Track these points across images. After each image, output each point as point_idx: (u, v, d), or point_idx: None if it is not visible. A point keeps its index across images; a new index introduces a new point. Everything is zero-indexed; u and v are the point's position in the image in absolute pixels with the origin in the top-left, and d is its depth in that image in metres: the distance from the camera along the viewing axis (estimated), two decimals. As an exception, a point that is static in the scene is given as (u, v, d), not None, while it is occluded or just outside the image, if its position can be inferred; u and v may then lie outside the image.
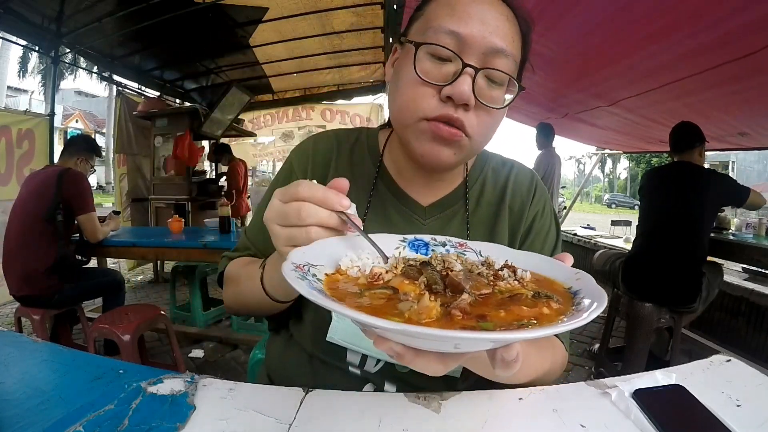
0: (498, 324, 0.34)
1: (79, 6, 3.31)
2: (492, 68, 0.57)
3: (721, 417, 0.49)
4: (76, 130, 22.09)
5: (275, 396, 0.53)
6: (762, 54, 1.97)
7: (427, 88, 0.58)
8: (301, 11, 3.67)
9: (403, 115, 0.61)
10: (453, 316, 0.35)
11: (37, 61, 16.70)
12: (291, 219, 0.44)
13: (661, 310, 2.24)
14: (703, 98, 2.83)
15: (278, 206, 0.46)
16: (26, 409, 0.47)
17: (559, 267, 0.46)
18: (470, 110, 0.58)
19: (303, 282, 0.37)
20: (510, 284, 0.43)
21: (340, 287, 0.42)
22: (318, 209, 0.44)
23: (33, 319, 2.21)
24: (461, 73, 0.56)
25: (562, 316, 0.36)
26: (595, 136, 5.02)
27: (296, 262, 0.43)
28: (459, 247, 0.55)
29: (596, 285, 0.39)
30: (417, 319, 0.34)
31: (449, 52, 0.56)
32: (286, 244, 0.45)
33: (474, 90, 0.56)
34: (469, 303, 0.37)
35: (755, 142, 3.75)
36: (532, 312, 0.36)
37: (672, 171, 2.32)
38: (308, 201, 0.44)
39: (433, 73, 0.57)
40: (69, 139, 2.61)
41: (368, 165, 0.76)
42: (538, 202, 0.76)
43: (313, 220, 0.44)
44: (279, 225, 0.46)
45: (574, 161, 53.13)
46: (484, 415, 0.51)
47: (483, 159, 0.79)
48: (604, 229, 6.71)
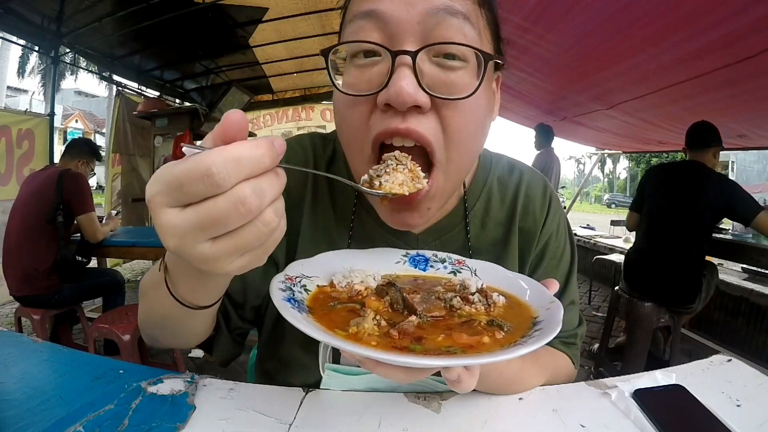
0: (428, 348, 0.37)
1: (79, 6, 3.31)
2: (436, 42, 0.40)
3: (721, 417, 0.49)
4: (76, 130, 22.08)
5: (275, 396, 0.53)
6: (760, 58, 1.97)
7: (361, 105, 0.43)
8: (301, 11, 3.67)
9: (348, 151, 0.48)
10: (391, 336, 0.38)
11: (37, 61, 16.70)
12: (233, 222, 0.27)
13: (660, 310, 2.24)
14: (701, 101, 2.83)
15: (202, 210, 0.27)
16: (26, 409, 0.47)
17: (541, 294, 0.48)
18: (426, 112, 0.42)
19: (283, 293, 0.41)
20: (476, 309, 0.45)
21: (323, 300, 0.46)
22: (261, 185, 0.28)
23: (33, 319, 2.21)
24: (393, 66, 0.40)
25: (497, 346, 0.38)
26: (594, 137, 5.03)
27: (290, 274, 0.46)
28: (456, 264, 0.57)
29: (559, 318, 0.40)
30: (359, 335, 0.38)
31: (371, 45, 0.42)
32: (228, 263, 0.30)
33: (421, 82, 0.40)
34: (417, 325, 0.40)
35: (754, 142, 3.75)
36: (471, 340, 0.38)
37: (681, 169, 2.25)
38: (246, 179, 0.27)
39: (362, 81, 0.43)
40: (70, 142, 2.62)
41: (347, 187, 0.60)
42: (552, 221, 0.63)
43: (268, 202, 0.28)
44: (206, 239, 0.28)
45: (574, 161, 53.16)
46: (484, 415, 0.51)
47: (485, 165, 0.64)
48: (604, 229, 6.71)
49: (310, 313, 0.42)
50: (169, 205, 0.28)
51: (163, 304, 0.44)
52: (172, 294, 0.42)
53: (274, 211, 0.29)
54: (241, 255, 0.30)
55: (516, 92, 3.76)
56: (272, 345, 0.63)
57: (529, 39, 2.48)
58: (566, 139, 5.52)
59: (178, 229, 0.28)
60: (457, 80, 0.42)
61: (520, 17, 2.26)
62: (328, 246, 0.59)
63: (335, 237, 0.61)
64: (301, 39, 4.20)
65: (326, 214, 0.61)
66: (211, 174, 0.26)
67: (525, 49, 2.65)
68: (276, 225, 0.29)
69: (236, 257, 0.30)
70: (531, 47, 2.60)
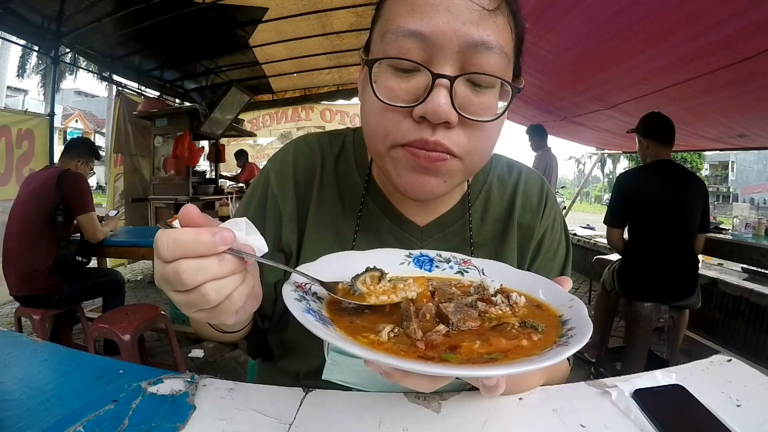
0: (464, 357, 0.36)
1: (79, 6, 3.32)
2: (473, 72, 0.45)
3: (721, 417, 0.49)
4: (76, 130, 22.07)
5: (275, 396, 0.53)
6: (760, 58, 1.97)
7: (394, 112, 0.47)
8: (301, 11, 3.68)
9: (373, 142, 0.52)
10: (417, 347, 0.37)
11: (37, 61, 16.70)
12: (176, 286, 0.35)
13: (660, 309, 2.24)
14: (701, 102, 2.83)
15: (158, 268, 0.36)
16: (26, 409, 0.47)
17: (556, 292, 0.47)
18: (454, 127, 0.47)
19: (300, 304, 0.40)
20: (502, 310, 0.44)
21: (337, 308, 0.45)
22: (199, 264, 0.34)
23: (33, 319, 2.21)
24: (432, 86, 0.44)
25: (537, 349, 0.37)
26: (594, 137, 5.03)
27: (299, 282, 0.45)
28: (462, 264, 0.56)
29: (586, 316, 0.40)
30: (385, 345, 0.37)
31: (414, 64, 0.45)
32: (191, 312, 0.37)
33: (454, 102, 0.45)
34: (444, 334, 0.40)
35: (754, 142, 3.76)
36: (510, 344, 0.38)
37: (660, 169, 2.25)
38: (183, 257, 0.34)
39: (399, 92, 0.47)
40: (69, 142, 2.61)
41: (356, 180, 0.65)
42: (548, 216, 0.67)
43: (203, 278, 0.34)
44: (171, 290, 0.36)
45: (574, 161, 53.15)
46: (484, 415, 0.51)
47: (486, 165, 0.68)
48: (604, 229, 6.70)
49: (332, 322, 0.41)
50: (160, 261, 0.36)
51: (205, 326, 0.55)
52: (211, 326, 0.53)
53: (214, 288, 0.35)
54: (196, 311, 0.37)
55: (516, 92, 3.75)
56: (276, 331, 0.66)
57: (529, 39, 2.45)
58: (566, 140, 5.51)
59: (157, 277, 0.37)
60: (485, 102, 0.48)
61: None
62: (335, 236, 0.62)
63: (342, 227, 0.63)
64: (301, 39, 4.21)
65: (334, 207, 0.64)
66: (156, 246, 0.34)
67: (525, 49, 2.64)
68: (215, 301, 0.35)
69: (193, 311, 0.37)
70: (531, 47, 2.60)
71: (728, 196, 33.27)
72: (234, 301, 0.37)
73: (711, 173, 35.55)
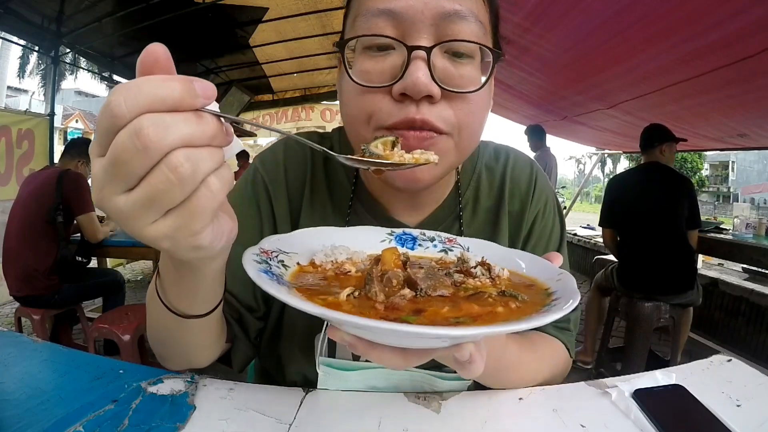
0: (428, 321, 0.32)
1: (79, 6, 3.32)
2: (449, 40, 0.44)
3: (721, 417, 0.49)
4: (76, 130, 22.06)
5: (275, 396, 0.53)
6: (760, 57, 1.97)
7: (374, 94, 0.45)
8: (301, 11, 3.68)
9: (356, 129, 0.49)
10: (376, 309, 0.34)
11: (37, 61, 16.70)
12: (131, 159, 0.24)
13: (660, 309, 2.24)
14: (701, 101, 2.83)
15: (102, 141, 0.25)
16: (26, 409, 0.47)
17: (543, 266, 0.45)
18: (438, 101, 0.45)
19: (259, 265, 0.35)
20: (481, 282, 0.41)
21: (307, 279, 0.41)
22: (171, 119, 0.24)
23: (33, 319, 2.21)
24: (409, 59, 0.43)
25: (514, 317, 0.34)
26: (594, 137, 5.03)
27: (265, 248, 0.41)
28: (447, 242, 0.54)
29: (574, 287, 0.37)
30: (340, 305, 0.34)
31: (388, 39, 0.44)
32: (148, 224, 0.26)
33: (434, 75, 0.43)
34: (410, 299, 0.36)
35: (755, 142, 3.75)
36: (483, 311, 0.35)
37: (642, 171, 2.42)
38: (148, 111, 0.24)
39: (376, 73, 0.45)
40: (70, 142, 2.61)
41: (342, 180, 0.63)
42: (539, 200, 0.65)
43: (174, 139, 0.24)
44: (118, 180, 0.25)
45: (574, 161, 53.15)
46: (484, 415, 0.50)
47: (473, 154, 0.66)
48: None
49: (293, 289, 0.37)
50: (98, 155, 0.26)
51: (160, 315, 0.44)
52: (163, 301, 0.42)
53: (188, 158, 0.25)
54: (163, 215, 0.26)
55: (516, 92, 3.75)
56: (271, 342, 0.64)
57: (529, 39, 2.48)
58: (567, 139, 5.51)
59: (97, 178, 0.26)
60: (466, 74, 0.46)
61: (520, 17, 2.26)
62: None
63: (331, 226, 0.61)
64: (301, 39, 4.21)
65: (325, 209, 0.63)
66: (107, 103, 0.24)
67: (525, 49, 2.65)
68: (187, 173, 0.25)
69: (155, 215, 0.26)
70: (531, 47, 2.60)
71: (728, 196, 33.28)
72: (212, 189, 0.26)
73: (711, 173, 35.55)
